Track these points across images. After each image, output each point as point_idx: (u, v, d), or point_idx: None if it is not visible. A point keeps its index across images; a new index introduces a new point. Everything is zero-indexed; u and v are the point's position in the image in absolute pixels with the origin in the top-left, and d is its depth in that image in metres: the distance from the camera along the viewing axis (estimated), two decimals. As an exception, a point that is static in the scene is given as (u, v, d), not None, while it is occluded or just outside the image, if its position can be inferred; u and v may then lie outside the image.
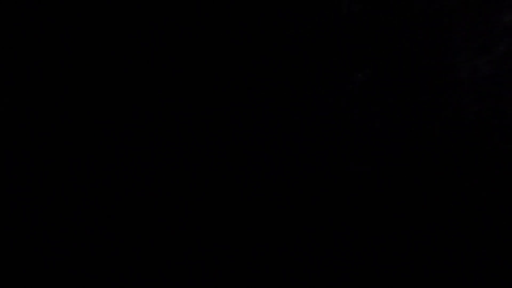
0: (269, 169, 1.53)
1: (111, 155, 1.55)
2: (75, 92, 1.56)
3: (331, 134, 1.55)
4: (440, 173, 1.52)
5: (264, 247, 1.50)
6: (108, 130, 1.55)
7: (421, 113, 1.53)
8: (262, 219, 1.51)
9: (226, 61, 1.57)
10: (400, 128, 1.54)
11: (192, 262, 1.49)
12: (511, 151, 1.49)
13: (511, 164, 1.50)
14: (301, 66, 1.56)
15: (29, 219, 1.51)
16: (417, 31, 1.54)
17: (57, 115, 1.56)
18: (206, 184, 1.53)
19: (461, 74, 1.43)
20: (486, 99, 1.46)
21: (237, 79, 1.56)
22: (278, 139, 1.54)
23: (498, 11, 1.41)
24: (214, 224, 1.52)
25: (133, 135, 1.55)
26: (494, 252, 1.47)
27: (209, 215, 1.52)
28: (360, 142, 1.54)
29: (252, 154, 1.54)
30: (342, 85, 1.55)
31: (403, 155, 1.53)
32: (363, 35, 1.54)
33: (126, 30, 1.57)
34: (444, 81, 1.49)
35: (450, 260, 1.48)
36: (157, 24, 1.57)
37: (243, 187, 1.53)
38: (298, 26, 1.56)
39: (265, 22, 1.56)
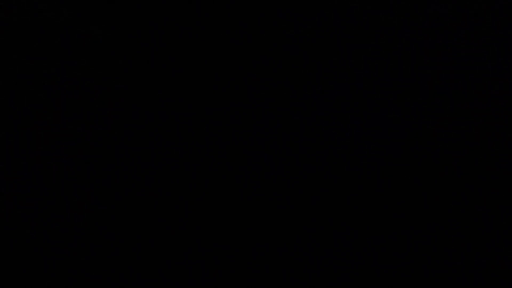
0: (269, 169, 1.53)
1: (110, 155, 1.54)
2: (74, 92, 1.56)
3: (331, 134, 1.54)
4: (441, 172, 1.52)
5: (264, 247, 1.49)
6: (107, 129, 1.55)
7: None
8: (262, 219, 1.51)
9: (226, 61, 1.57)
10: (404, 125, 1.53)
11: (192, 262, 1.48)
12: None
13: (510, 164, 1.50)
14: (301, 66, 1.56)
15: (29, 219, 1.50)
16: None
17: (56, 114, 1.55)
18: (206, 184, 1.53)
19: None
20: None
21: (237, 79, 1.56)
22: (278, 139, 1.54)
23: None
24: (214, 224, 1.51)
25: (133, 135, 1.55)
26: (494, 252, 1.47)
27: (209, 215, 1.52)
28: (360, 141, 1.54)
29: (252, 154, 1.54)
30: (342, 85, 1.55)
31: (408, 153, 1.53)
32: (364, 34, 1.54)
33: (126, 30, 1.56)
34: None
35: (450, 260, 1.48)
36: (157, 24, 1.56)
37: (243, 187, 1.53)
38: (298, 26, 1.56)
39: (265, 22, 1.56)
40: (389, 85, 1.55)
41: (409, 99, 1.54)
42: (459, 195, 1.51)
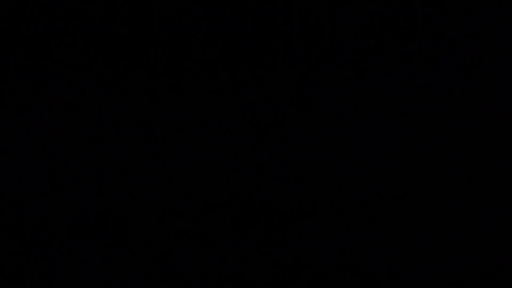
0: (269, 169, 1.53)
1: (110, 154, 1.54)
2: (75, 92, 1.56)
3: (331, 134, 1.54)
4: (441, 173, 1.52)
5: (265, 247, 1.49)
6: (107, 129, 1.55)
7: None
8: (262, 219, 1.51)
9: (226, 60, 1.57)
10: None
11: (192, 262, 1.48)
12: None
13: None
14: (300, 66, 1.56)
15: (28, 219, 1.51)
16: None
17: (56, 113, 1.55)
18: (206, 184, 1.53)
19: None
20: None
21: (237, 79, 1.56)
22: (277, 139, 1.54)
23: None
24: (214, 224, 1.51)
25: (133, 134, 1.55)
26: (494, 252, 1.47)
27: (209, 215, 1.52)
28: (359, 142, 1.54)
29: (251, 153, 1.54)
30: (341, 85, 1.55)
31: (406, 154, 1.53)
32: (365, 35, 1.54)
33: (125, 30, 1.57)
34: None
35: (450, 260, 1.48)
36: (157, 24, 1.56)
37: (243, 187, 1.53)
38: (295, 26, 1.56)
39: (264, 21, 1.56)
40: (389, 85, 1.55)
41: (409, 99, 1.54)
42: (458, 194, 1.51)
